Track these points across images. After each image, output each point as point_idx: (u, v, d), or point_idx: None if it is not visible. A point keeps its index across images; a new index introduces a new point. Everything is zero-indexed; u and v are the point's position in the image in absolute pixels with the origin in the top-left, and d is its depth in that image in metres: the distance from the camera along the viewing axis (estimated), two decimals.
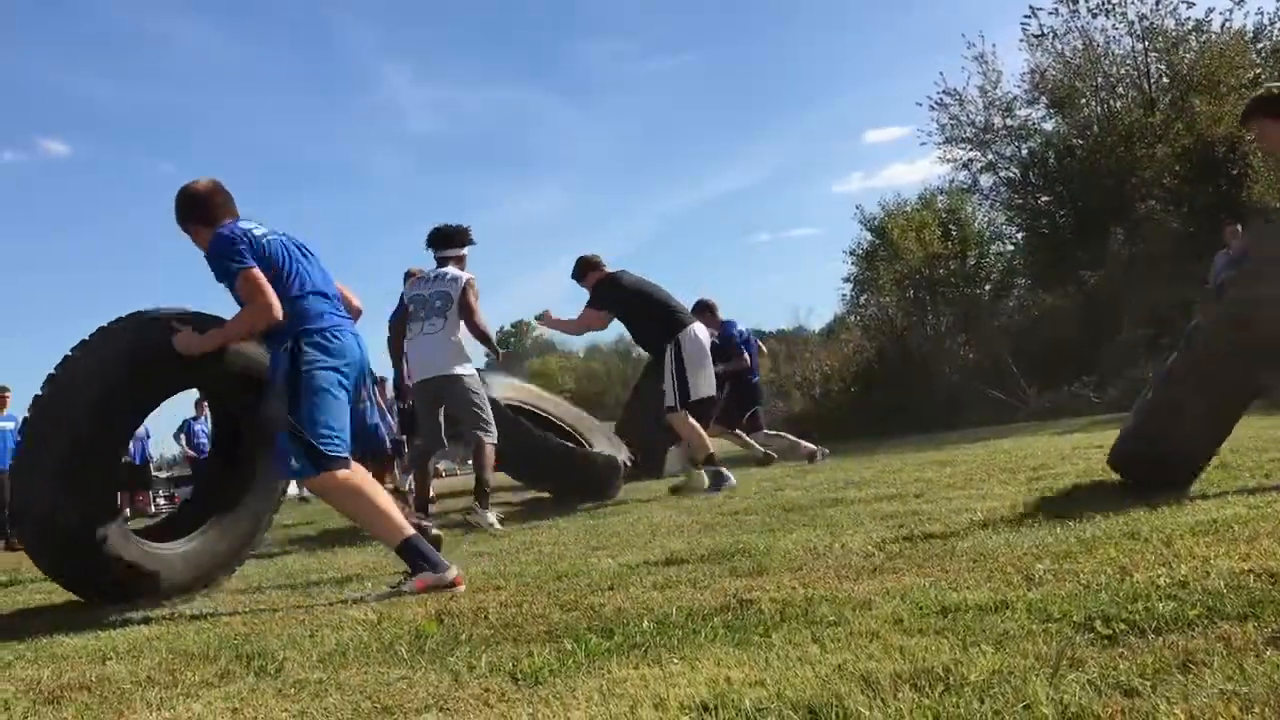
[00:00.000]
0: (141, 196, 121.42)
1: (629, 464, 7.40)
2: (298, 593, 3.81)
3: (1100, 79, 20.46)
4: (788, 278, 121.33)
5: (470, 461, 7.12)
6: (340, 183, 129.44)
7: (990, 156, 22.09)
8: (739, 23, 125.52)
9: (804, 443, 9.95)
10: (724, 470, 6.90)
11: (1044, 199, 21.81)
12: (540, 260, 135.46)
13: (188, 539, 4.13)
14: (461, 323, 6.23)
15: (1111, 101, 20.47)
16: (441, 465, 13.61)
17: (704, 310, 9.26)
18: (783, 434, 10.43)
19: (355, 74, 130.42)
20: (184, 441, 15.26)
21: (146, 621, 3.41)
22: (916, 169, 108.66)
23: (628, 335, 7.59)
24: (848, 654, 1.99)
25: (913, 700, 1.65)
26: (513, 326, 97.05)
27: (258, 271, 3.69)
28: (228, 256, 3.71)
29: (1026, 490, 4.77)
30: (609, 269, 7.27)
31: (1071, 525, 3.40)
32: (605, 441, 7.95)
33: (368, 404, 3.78)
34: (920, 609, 2.32)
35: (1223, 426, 4.11)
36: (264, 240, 3.81)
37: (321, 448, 3.62)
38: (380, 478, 8.40)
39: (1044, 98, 21.01)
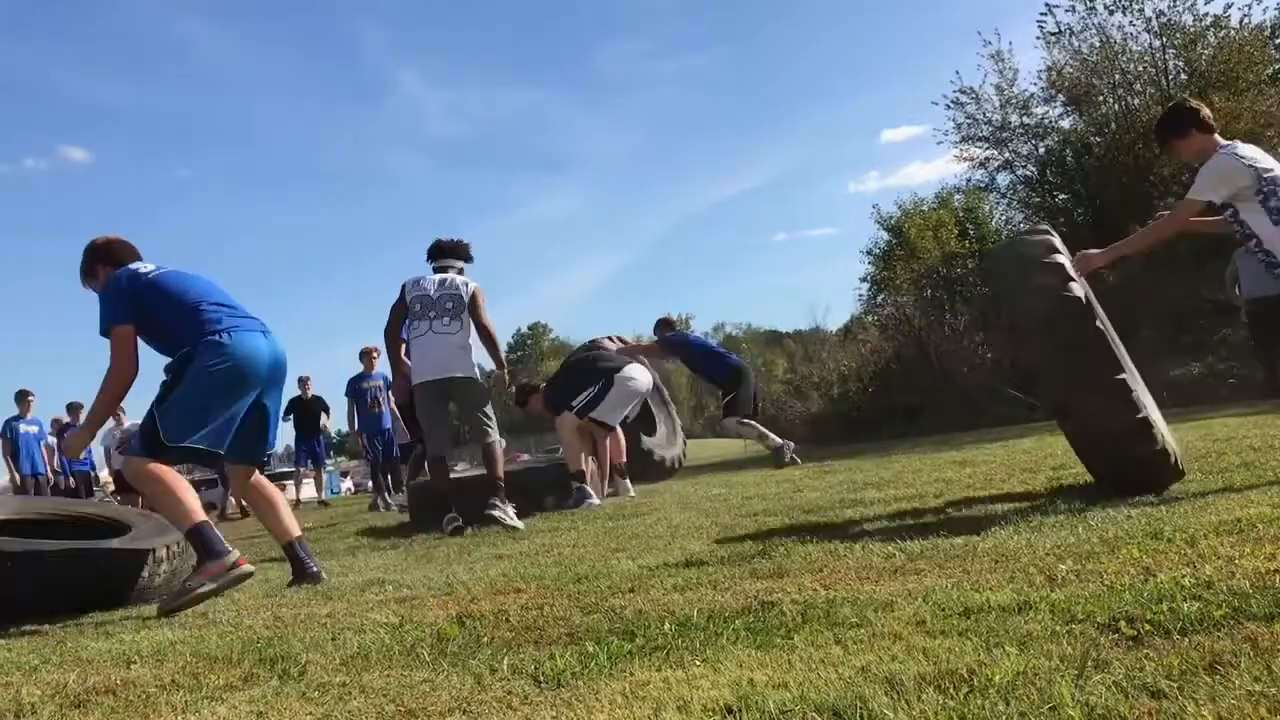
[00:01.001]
0: (160, 201, 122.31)
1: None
2: (318, 596, 3.82)
3: (1117, 76, 20.35)
4: (804, 277, 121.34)
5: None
6: (360, 186, 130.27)
7: (1007, 155, 22.01)
8: (754, 22, 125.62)
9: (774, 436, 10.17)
10: (589, 490, 7.10)
11: (1061, 197, 21.72)
12: (558, 261, 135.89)
13: None
14: (473, 327, 6.33)
15: (1129, 98, 20.36)
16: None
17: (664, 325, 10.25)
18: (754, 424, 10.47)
19: (373, 77, 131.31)
20: None
21: (169, 625, 3.43)
22: (933, 168, 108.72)
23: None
24: (871, 655, 1.98)
25: (937, 702, 1.64)
26: (529, 329, 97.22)
27: (124, 330, 4.05)
28: (103, 311, 4.09)
29: (1047, 490, 4.75)
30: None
31: (1093, 525, 3.39)
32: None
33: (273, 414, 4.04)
34: (943, 610, 2.32)
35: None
36: (150, 276, 4.15)
37: (162, 434, 3.95)
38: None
39: (1061, 95, 20.92)
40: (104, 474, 14.75)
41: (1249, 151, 4.28)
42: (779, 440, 9.92)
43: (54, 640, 3.34)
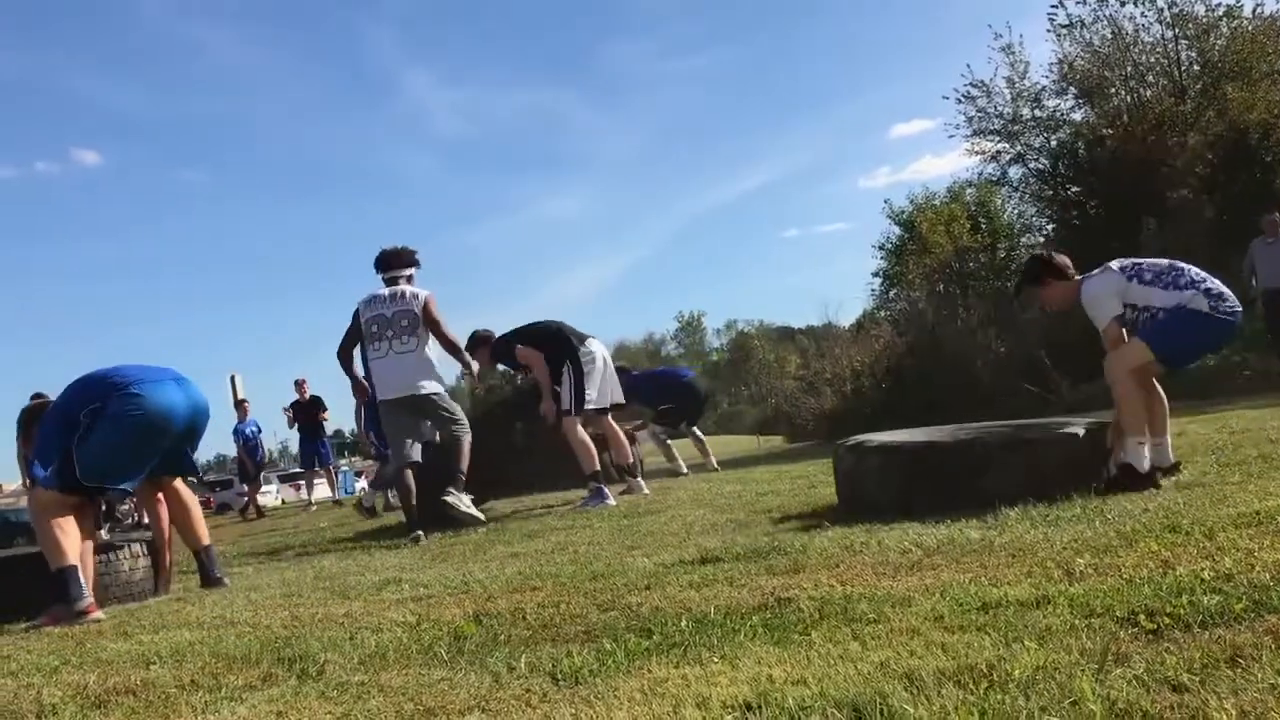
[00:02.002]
0: (171, 203, 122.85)
1: None
2: (335, 596, 3.83)
3: (1129, 68, 20.25)
4: (817, 273, 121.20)
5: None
6: (370, 187, 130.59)
7: (1019, 148, 21.89)
8: (762, 19, 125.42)
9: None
10: (605, 490, 7.00)
11: (1074, 190, 21.61)
12: (568, 261, 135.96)
13: None
14: (432, 339, 6.39)
15: (1141, 90, 20.25)
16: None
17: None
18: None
19: (382, 78, 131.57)
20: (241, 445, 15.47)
21: (188, 626, 3.44)
22: (944, 162, 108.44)
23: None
24: (889, 651, 1.98)
25: (957, 697, 1.64)
26: None
27: None
28: None
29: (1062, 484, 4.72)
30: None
31: (1110, 519, 3.38)
32: None
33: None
34: (960, 605, 2.31)
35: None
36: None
37: (79, 471, 4.19)
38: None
39: (1072, 88, 20.80)
40: None
41: (1097, 272, 4.65)
42: (681, 468, 10.56)
43: (73, 642, 3.36)
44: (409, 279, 6.59)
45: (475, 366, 6.87)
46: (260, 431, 16.02)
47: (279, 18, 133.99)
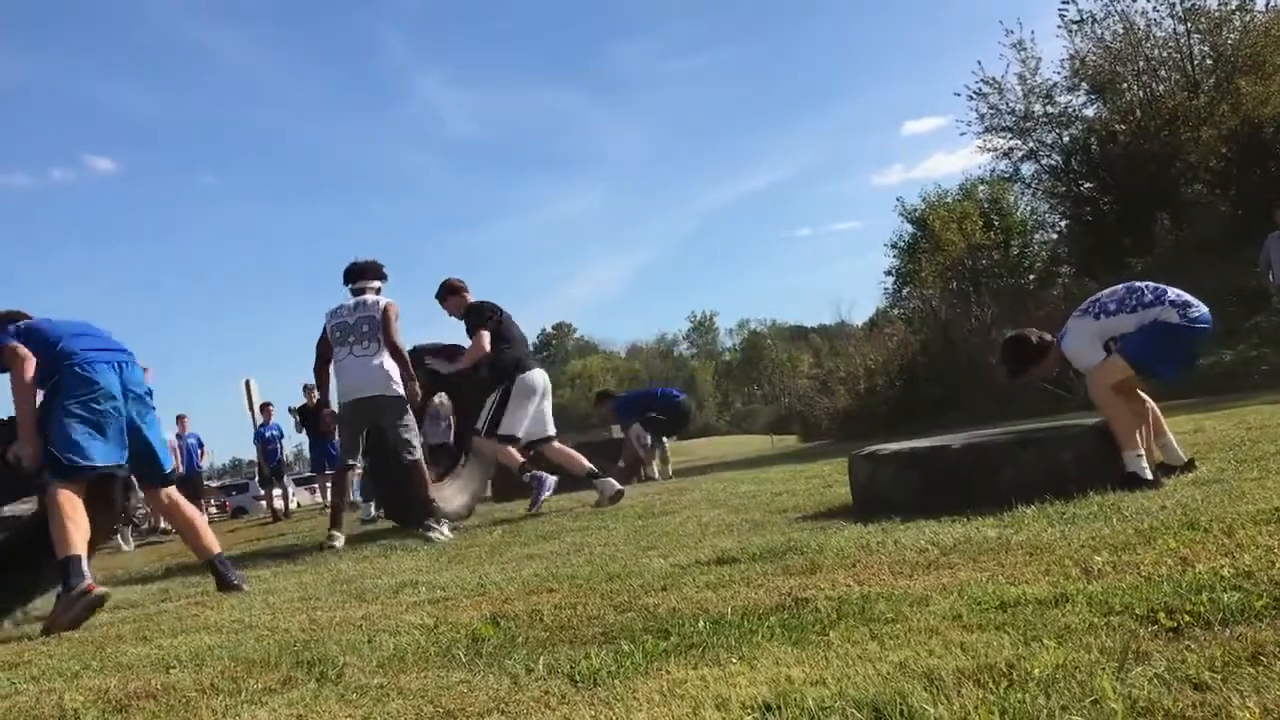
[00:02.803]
0: (186, 209, 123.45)
1: None
2: (353, 599, 3.84)
3: (1142, 62, 20.18)
4: (829, 272, 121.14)
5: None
6: (380, 189, 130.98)
7: (1031, 144, 21.86)
8: (772, 17, 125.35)
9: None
10: (543, 475, 7.27)
11: (1087, 186, 21.55)
12: (581, 261, 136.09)
13: None
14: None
15: (1154, 85, 20.18)
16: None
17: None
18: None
19: (392, 81, 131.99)
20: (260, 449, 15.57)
21: (206, 630, 3.46)
22: (956, 159, 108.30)
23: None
24: (908, 651, 1.98)
25: (977, 696, 1.64)
26: (554, 328, 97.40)
27: (14, 345, 4.43)
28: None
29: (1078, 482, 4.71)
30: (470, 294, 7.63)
31: (1128, 516, 3.36)
32: None
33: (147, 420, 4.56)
34: (978, 604, 2.30)
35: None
36: (26, 325, 4.57)
37: (65, 462, 4.26)
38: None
39: (1084, 83, 20.75)
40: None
41: (1068, 328, 4.77)
42: (656, 474, 11.04)
43: (94, 646, 3.38)
44: (376, 291, 6.78)
45: (416, 387, 6.83)
46: (282, 435, 16.06)
47: (289, 22, 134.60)
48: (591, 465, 7.31)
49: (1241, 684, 1.55)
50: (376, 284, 6.79)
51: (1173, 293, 4.59)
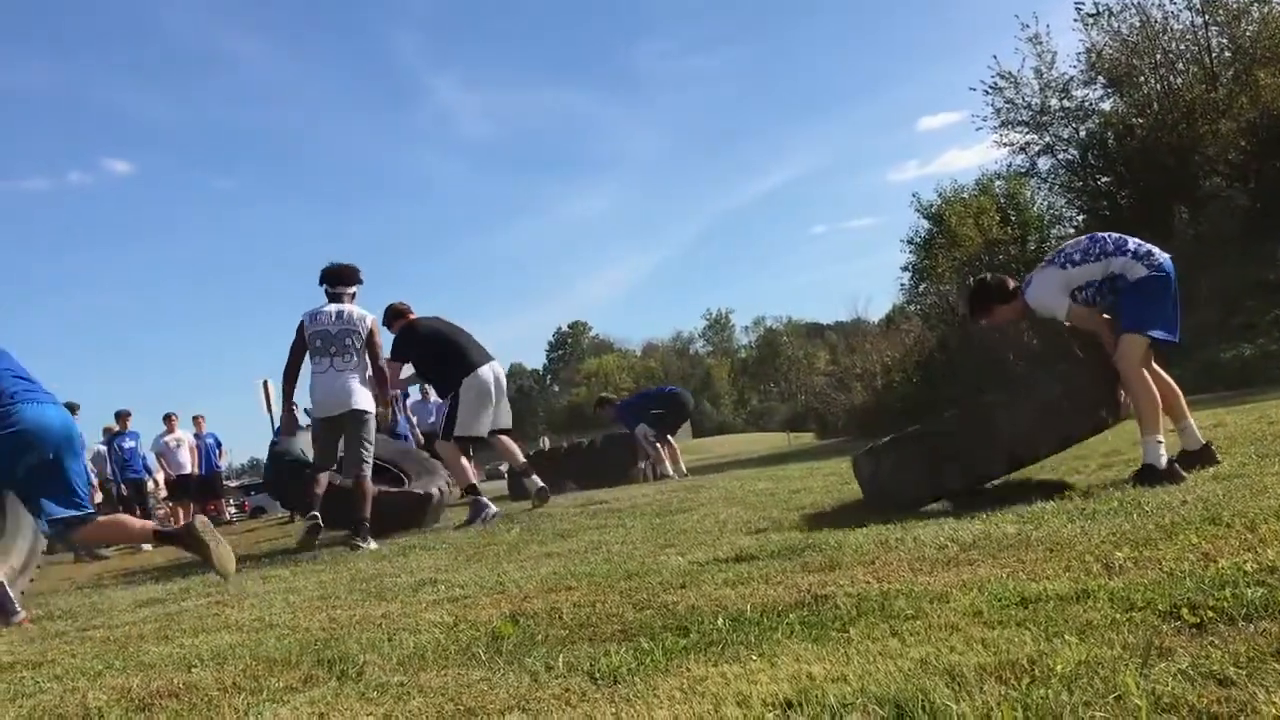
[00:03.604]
0: (202, 211, 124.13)
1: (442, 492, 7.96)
2: (372, 597, 3.86)
3: (1159, 55, 20.06)
4: (845, 269, 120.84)
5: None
6: (397, 192, 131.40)
7: (1047, 139, 21.78)
8: (786, 14, 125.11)
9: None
10: (484, 499, 7.27)
11: (1104, 180, 21.46)
12: (597, 260, 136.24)
13: None
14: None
15: (1171, 78, 20.06)
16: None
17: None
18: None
19: (408, 83, 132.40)
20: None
21: (228, 629, 3.47)
22: (972, 154, 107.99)
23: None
24: (929, 647, 1.97)
25: (999, 693, 1.63)
26: (570, 327, 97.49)
27: None
28: None
29: (1098, 477, 4.70)
30: (414, 315, 7.81)
31: (1149, 511, 3.34)
32: (425, 476, 8.29)
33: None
34: (999, 600, 2.30)
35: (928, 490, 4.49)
36: None
37: None
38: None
39: (1101, 77, 20.66)
40: (160, 476, 14.94)
41: (1032, 278, 4.84)
42: (670, 471, 11.07)
43: (116, 645, 3.40)
44: (352, 296, 6.86)
45: (389, 404, 7.17)
46: None
47: (303, 26, 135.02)
48: (475, 480, 7.59)
49: (1266, 679, 1.54)
50: (353, 289, 6.88)
51: (1133, 242, 4.62)
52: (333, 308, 6.72)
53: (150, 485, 14.46)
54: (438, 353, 7.59)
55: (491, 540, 5.60)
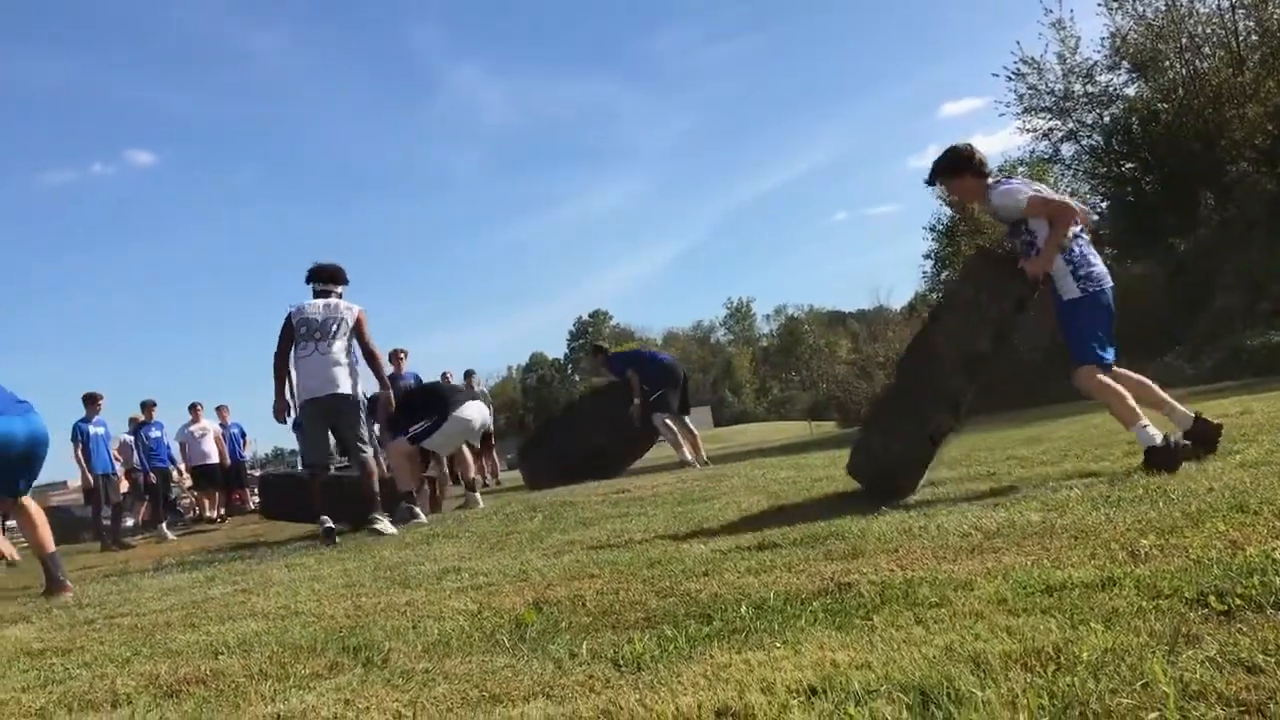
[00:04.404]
0: (224, 202, 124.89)
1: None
2: (396, 585, 3.88)
3: (1185, 39, 19.85)
4: (867, 257, 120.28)
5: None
6: (418, 184, 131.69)
7: (1071, 125, 21.60)
8: (804, 1, 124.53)
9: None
10: (416, 509, 7.40)
11: (1128, 166, 21.27)
12: (617, 250, 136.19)
13: None
14: (356, 348, 6.85)
15: (1197, 62, 19.85)
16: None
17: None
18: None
19: (428, 75, 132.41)
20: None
21: (253, 617, 3.50)
22: (995, 140, 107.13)
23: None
24: (953, 635, 1.97)
25: (1025, 680, 1.62)
26: (591, 316, 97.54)
27: None
28: None
29: (1123, 465, 4.67)
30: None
31: (1174, 499, 3.32)
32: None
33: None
34: (1024, 588, 2.29)
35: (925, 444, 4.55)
36: None
37: None
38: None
39: (1125, 62, 20.46)
40: (183, 465, 15.04)
41: (1016, 181, 4.87)
42: (690, 458, 10.82)
43: (143, 633, 3.43)
44: (339, 295, 7.00)
45: (390, 395, 7.36)
46: None
47: (324, 19, 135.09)
48: (412, 488, 7.72)
49: None
50: (340, 289, 7.02)
51: (1079, 244, 4.67)
52: (320, 300, 6.88)
53: (175, 475, 14.57)
54: (424, 404, 8.19)
55: (514, 529, 5.62)
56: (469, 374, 14.61)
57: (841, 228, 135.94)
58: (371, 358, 6.92)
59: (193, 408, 14.76)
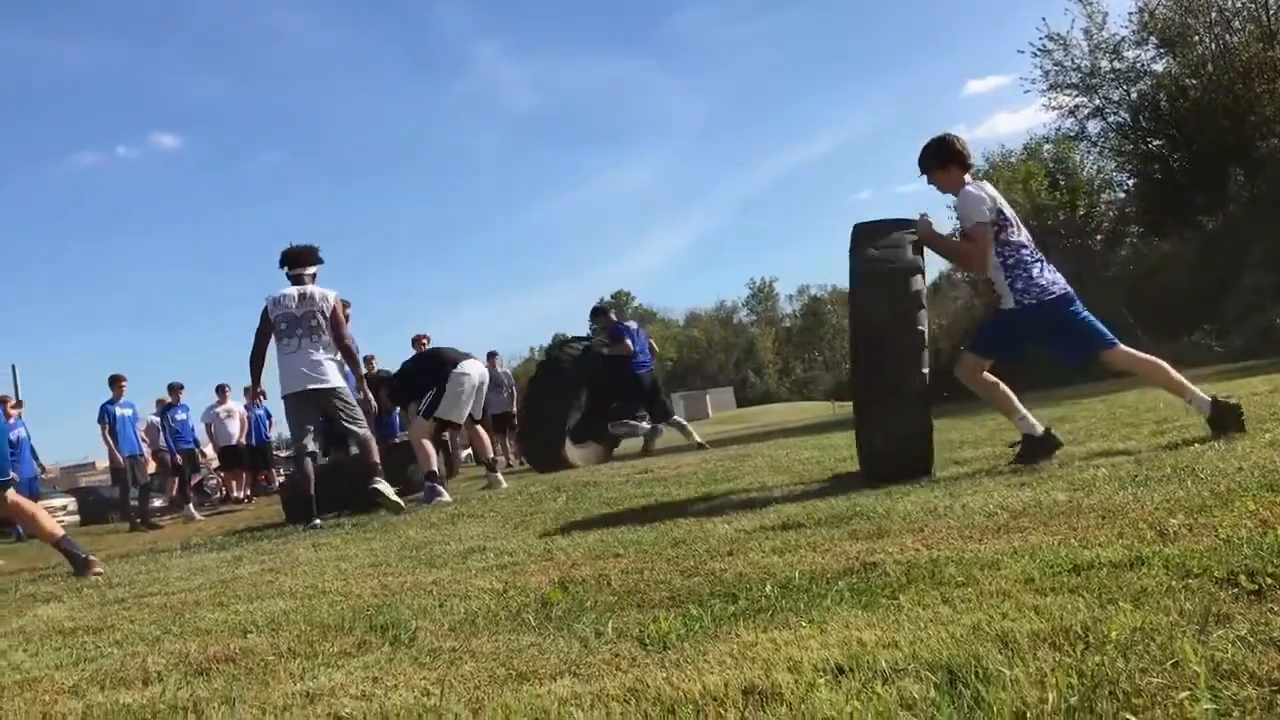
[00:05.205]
0: (249, 183, 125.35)
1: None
2: (422, 564, 3.90)
3: (1214, 14, 19.57)
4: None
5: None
6: (443, 164, 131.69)
7: (1097, 101, 21.36)
8: None
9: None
10: (440, 488, 7.49)
11: (1156, 143, 21.03)
12: (640, 230, 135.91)
13: None
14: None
15: (1227, 37, 19.58)
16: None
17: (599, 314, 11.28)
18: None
19: (452, 54, 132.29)
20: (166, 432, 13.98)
21: (281, 596, 3.53)
22: (1020, 118, 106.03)
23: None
24: (980, 614, 1.96)
25: (1053, 659, 1.62)
26: (613, 297, 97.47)
27: None
28: None
29: (1151, 444, 4.63)
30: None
31: (1203, 478, 3.29)
32: None
33: None
34: (1051, 567, 2.28)
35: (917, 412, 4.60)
36: None
37: None
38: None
39: (1153, 37, 20.20)
40: (209, 449, 15.16)
41: (987, 189, 4.86)
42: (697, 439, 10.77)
43: (172, 612, 3.46)
44: (313, 277, 7.01)
45: (369, 391, 7.42)
46: None
47: (346, 1, 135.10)
48: (435, 468, 7.74)
49: None
50: (313, 270, 7.03)
51: (1028, 269, 4.72)
52: (294, 290, 6.88)
53: (201, 457, 14.69)
54: (415, 375, 8.45)
55: (538, 508, 5.64)
56: (492, 355, 14.63)
57: (866, 206, 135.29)
58: (347, 352, 6.96)
59: (220, 389, 14.88)
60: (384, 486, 6.65)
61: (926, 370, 4.59)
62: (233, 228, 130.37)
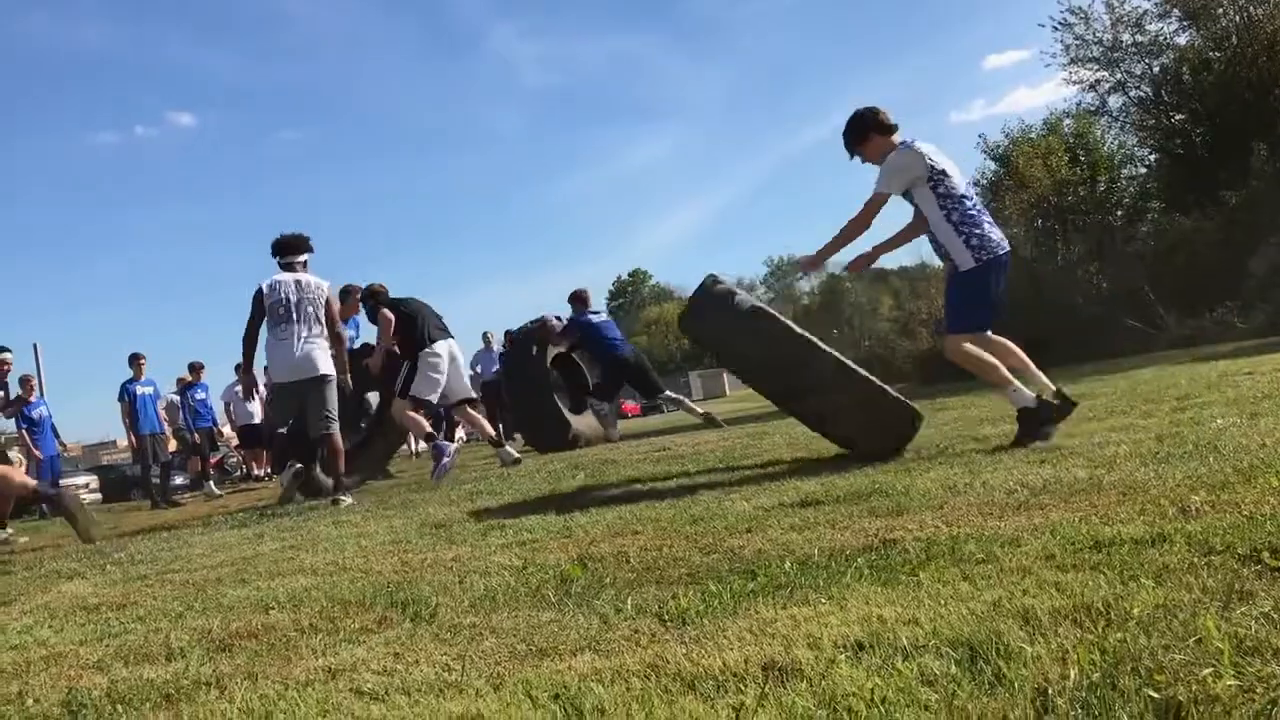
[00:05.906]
0: (265, 162, 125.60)
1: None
2: (442, 541, 3.92)
3: None
4: (910, 212, 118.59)
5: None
6: (460, 143, 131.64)
7: (1119, 75, 21.15)
8: None
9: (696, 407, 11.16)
10: (442, 443, 7.76)
11: (1178, 117, 20.81)
12: (657, 208, 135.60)
13: None
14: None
15: (1252, 8, 19.32)
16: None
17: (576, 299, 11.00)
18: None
19: (467, 33, 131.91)
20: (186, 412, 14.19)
21: (302, 573, 3.55)
22: (1040, 93, 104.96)
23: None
24: (1001, 591, 1.95)
25: (1075, 636, 1.61)
26: (630, 275, 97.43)
27: None
28: None
29: (1172, 420, 4.61)
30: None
31: (1225, 455, 3.27)
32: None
33: None
34: (1072, 544, 2.27)
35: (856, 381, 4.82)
36: None
37: None
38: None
39: (1176, 10, 19.96)
40: (227, 429, 15.25)
41: (925, 147, 4.79)
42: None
43: (194, 588, 3.49)
44: (304, 265, 7.07)
45: (349, 379, 7.38)
46: None
47: None
48: (495, 435, 7.90)
49: None
50: (304, 258, 7.08)
51: (974, 225, 4.72)
52: (289, 276, 6.91)
53: (219, 435, 14.79)
54: (404, 323, 8.13)
55: (557, 486, 5.66)
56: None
57: None
58: (337, 340, 7.00)
59: (239, 368, 14.95)
60: (346, 500, 6.52)
61: (826, 348, 4.78)
62: (252, 206, 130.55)
